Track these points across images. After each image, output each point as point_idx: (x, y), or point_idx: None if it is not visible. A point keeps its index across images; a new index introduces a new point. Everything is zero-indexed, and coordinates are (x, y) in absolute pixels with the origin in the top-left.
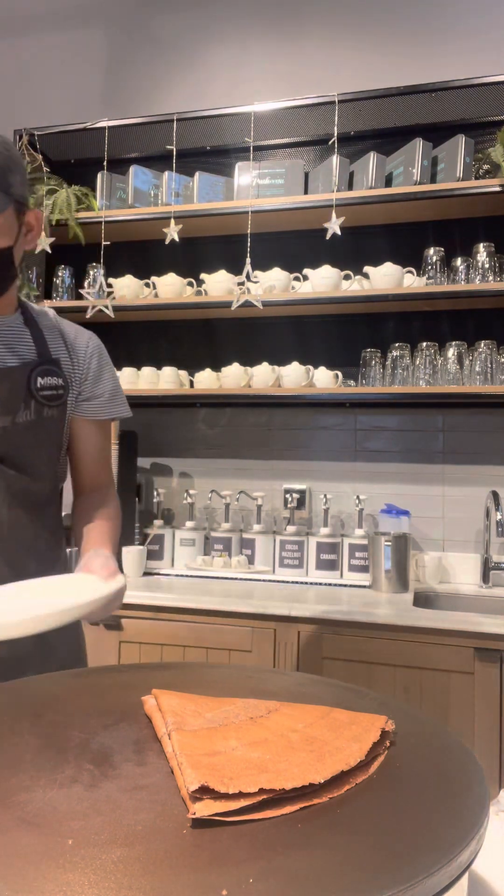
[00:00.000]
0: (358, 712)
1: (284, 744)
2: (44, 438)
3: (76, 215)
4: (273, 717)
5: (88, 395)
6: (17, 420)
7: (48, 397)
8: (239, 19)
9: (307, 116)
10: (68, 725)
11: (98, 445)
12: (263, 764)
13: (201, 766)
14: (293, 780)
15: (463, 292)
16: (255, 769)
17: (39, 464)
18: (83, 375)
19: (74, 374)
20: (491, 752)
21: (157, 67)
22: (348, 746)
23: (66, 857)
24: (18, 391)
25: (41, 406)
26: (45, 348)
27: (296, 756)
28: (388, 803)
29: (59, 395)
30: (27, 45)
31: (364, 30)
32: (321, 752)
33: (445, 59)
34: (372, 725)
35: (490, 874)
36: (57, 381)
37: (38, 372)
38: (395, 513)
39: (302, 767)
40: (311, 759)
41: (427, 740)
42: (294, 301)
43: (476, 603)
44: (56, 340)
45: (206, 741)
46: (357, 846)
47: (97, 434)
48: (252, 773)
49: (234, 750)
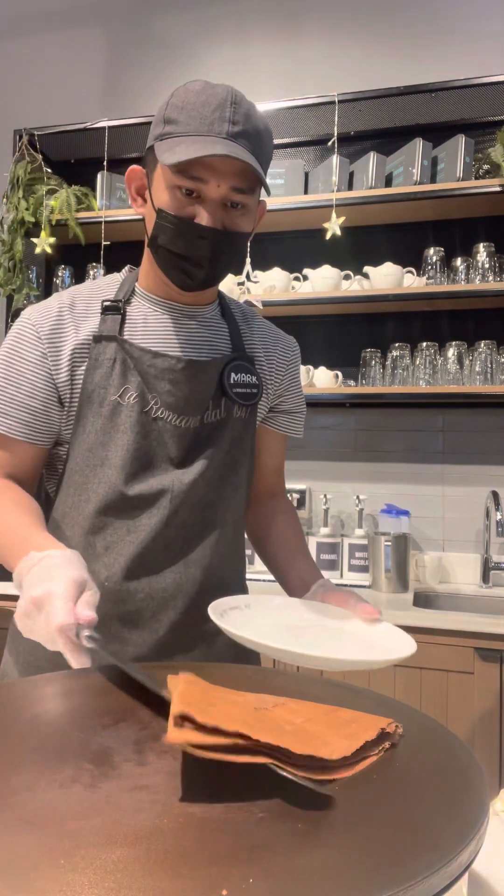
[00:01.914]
0: (364, 713)
1: (276, 731)
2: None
3: (76, 215)
4: (276, 710)
5: (288, 407)
6: (206, 420)
7: (241, 395)
8: (239, 19)
9: (307, 116)
10: (68, 725)
11: (281, 458)
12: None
13: (192, 703)
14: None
15: (463, 292)
16: (239, 722)
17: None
18: (280, 382)
19: (271, 379)
20: (491, 752)
21: (157, 67)
22: (338, 742)
23: (66, 857)
24: (210, 387)
25: (232, 404)
26: (240, 342)
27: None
28: (388, 803)
29: (253, 394)
30: (27, 45)
31: (364, 30)
32: (307, 742)
33: (445, 59)
34: (372, 725)
35: (490, 874)
36: (251, 378)
37: (231, 367)
38: (395, 513)
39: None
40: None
41: (427, 740)
42: (294, 301)
43: (476, 603)
44: (254, 337)
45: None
46: (357, 846)
47: (282, 447)
48: (236, 723)
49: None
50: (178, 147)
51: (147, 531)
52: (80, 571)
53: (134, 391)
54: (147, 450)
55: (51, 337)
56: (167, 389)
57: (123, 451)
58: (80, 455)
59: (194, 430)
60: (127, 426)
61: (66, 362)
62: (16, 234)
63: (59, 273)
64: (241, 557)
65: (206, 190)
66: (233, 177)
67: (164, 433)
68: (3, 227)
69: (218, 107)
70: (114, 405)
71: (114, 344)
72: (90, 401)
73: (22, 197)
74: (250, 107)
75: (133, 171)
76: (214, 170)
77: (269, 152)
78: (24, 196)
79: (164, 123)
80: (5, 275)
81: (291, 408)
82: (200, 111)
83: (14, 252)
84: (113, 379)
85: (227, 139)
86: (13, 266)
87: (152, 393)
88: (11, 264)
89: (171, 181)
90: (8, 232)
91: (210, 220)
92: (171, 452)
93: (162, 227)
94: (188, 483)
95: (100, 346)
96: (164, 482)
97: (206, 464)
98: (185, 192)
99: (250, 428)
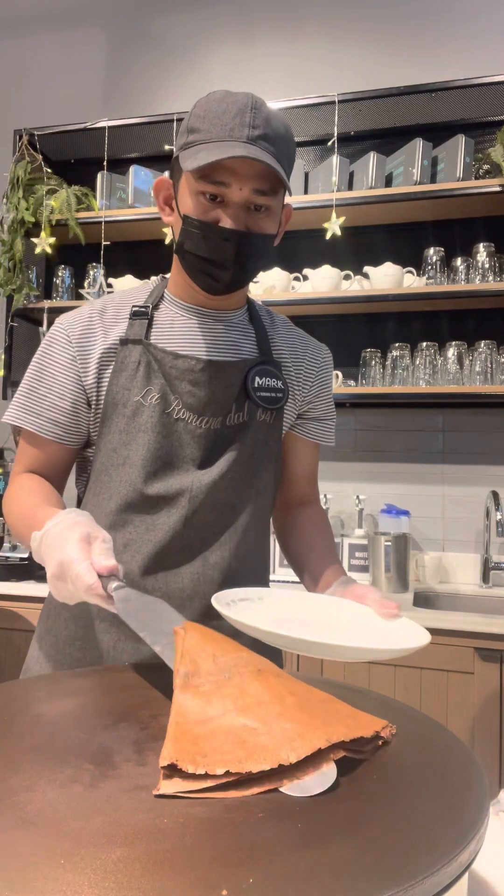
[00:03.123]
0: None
1: (277, 709)
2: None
3: (76, 215)
4: (281, 677)
5: (317, 414)
6: (228, 423)
7: (265, 399)
8: (239, 19)
9: (307, 116)
10: (68, 725)
11: (313, 466)
12: (245, 735)
13: (183, 739)
14: (263, 761)
15: (463, 292)
16: (234, 743)
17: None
18: (308, 388)
19: (299, 386)
20: (491, 752)
21: (157, 67)
22: (336, 724)
23: (66, 857)
24: (233, 389)
25: (255, 407)
26: (267, 347)
27: (281, 725)
28: (388, 803)
29: (278, 398)
30: (27, 45)
31: (364, 30)
32: (310, 722)
33: (445, 59)
34: (369, 724)
35: (490, 874)
36: (276, 382)
37: (256, 371)
38: (395, 513)
39: (281, 741)
40: (295, 731)
41: (427, 740)
42: (294, 301)
43: (476, 603)
44: (282, 343)
45: (203, 703)
46: (357, 846)
47: (313, 455)
48: (230, 747)
49: (224, 715)
50: (199, 154)
51: (165, 530)
52: (83, 527)
53: (157, 393)
54: (168, 450)
55: (80, 341)
56: (188, 390)
57: (144, 451)
58: (104, 455)
59: (216, 432)
60: (148, 426)
61: (94, 365)
62: (16, 234)
63: (59, 273)
64: (264, 562)
65: (229, 193)
66: (254, 179)
67: (185, 434)
68: (3, 227)
69: (238, 113)
70: (136, 406)
71: (139, 347)
72: (115, 402)
73: (22, 197)
74: (271, 112)
75: (160, 182)
76: (236, 173)
77: (290, 155)
78: (24, 196)
79: (187, 133)
80: (5, 275)
81: (321, 415)
82: (221, 118)
83: (14, 252)
84: (137, 381)
85: (247, 143)
86: (13, 266)
87: (174, 394)
88: (11, 264)
89: (194, 187)
90: (8, 232)
91: (233, 223)
92: (192, 453)
93: (188, 233)
94: (207, 484)
95: (126, 350)
96: (184, 482)
97: (227, 466)
98: (209, 197)
99: (275, 433)
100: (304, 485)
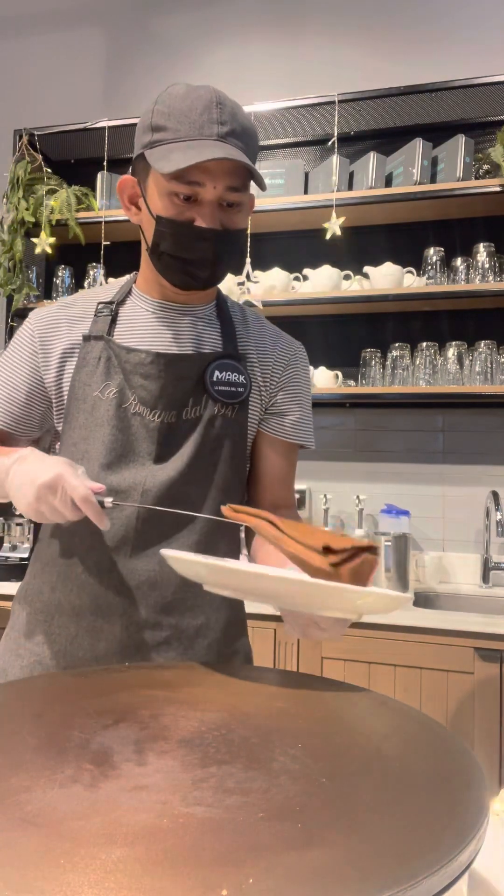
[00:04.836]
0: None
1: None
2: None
3: (76, 215)
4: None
5: (284, 409)
6: (185, 417)
7: (223, 393)
8: (239, 19)
9: (307, 116)
10: (68, 725)
11: (286, 467)
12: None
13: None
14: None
15: (463, 292)
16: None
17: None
18: (276, 381)
19: (264, 379)
20: (491, 752)
21: (157, 67)
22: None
23: (66, 857)
24: (187, 383)
25: (214, 401)
26: (233, 342)
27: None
28: (388, 803)
29: (238, 392)
30: (27, 45)
31: (364, 30)
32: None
33: (445, 59)
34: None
35: (490, 874)
36: (237, 377)
37: (216, 365)
38: (395, 513)
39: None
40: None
41: (427, 740)
42: (294, 301)
43: (476, 603)
44: (250, 338)
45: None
46: (357, 846)
47: (285, 455)
48: (338, 540)
49: (313, 533)
50: (172, 154)
51: (118, 525)
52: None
53: (115, 388)
54: (124, 444)
55: (44, 336)
56: (140, 384)
57: (100, 445)
58: (66, 449)
59: (171, 426)
60: (104, 420)
61: (56, 360)
62: (16, 234)
63: (59, 273)
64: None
65: (203, 193)
66: (227, 177)
67: (141, 428)
68: (3, 227)
69: (205, 109)
70: (95, 401)
71: (101, 343)
72: (76, 397)
73: (22, 197)
74: (234, 105)
75: (125, 181)
76: (209, 172)
77: (256, 146)
78: (24, 196)
79: (151, 131)
80: (5, 275)
81: (289, 411)
82: (188, 115)
83: (14, 252)
84: (97, 376)
85: (218, 140)
86: (13, 266)
87: (131, 389)
88: (11, 264)
89: (166, 188)
90: (8, 232)
91: (209, 222)
92: (148, 447)
93: (162, 234)
94: (162, 479)
95: (88, 345)
96: (138, 477)
97: (184, 461)
98: (183, 197)
99: (237, 428)
100: (276, 486)
